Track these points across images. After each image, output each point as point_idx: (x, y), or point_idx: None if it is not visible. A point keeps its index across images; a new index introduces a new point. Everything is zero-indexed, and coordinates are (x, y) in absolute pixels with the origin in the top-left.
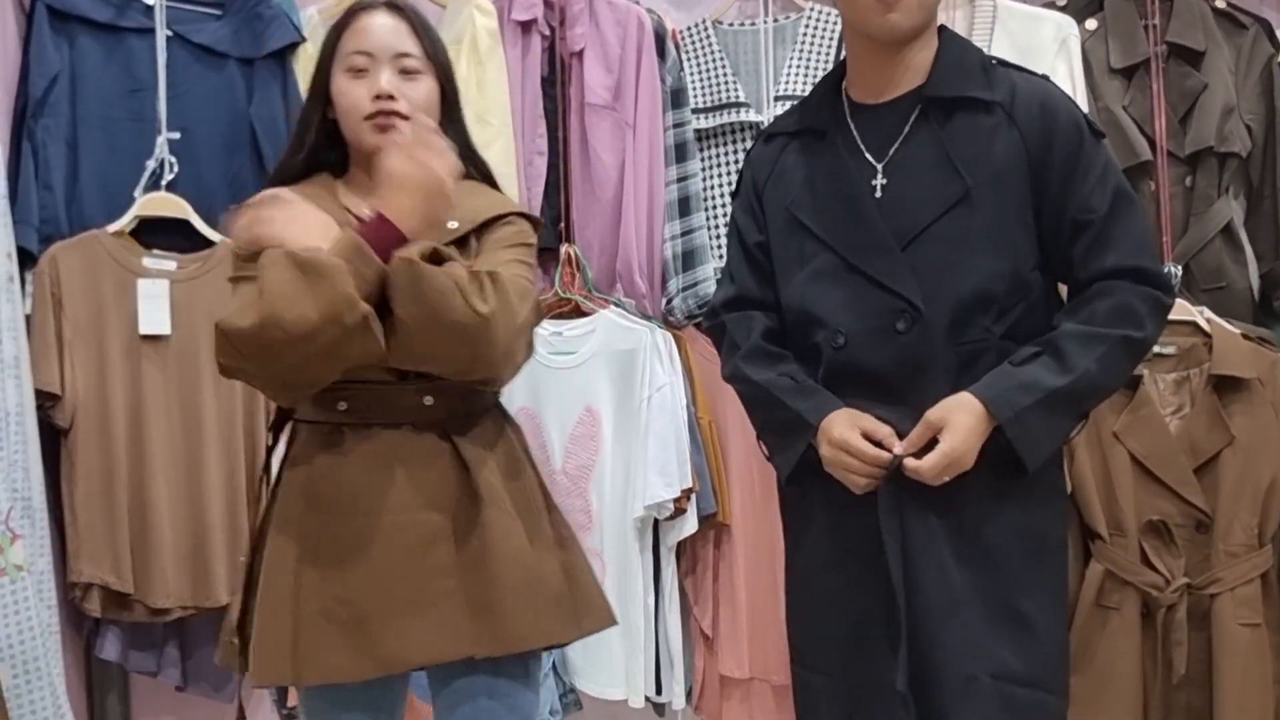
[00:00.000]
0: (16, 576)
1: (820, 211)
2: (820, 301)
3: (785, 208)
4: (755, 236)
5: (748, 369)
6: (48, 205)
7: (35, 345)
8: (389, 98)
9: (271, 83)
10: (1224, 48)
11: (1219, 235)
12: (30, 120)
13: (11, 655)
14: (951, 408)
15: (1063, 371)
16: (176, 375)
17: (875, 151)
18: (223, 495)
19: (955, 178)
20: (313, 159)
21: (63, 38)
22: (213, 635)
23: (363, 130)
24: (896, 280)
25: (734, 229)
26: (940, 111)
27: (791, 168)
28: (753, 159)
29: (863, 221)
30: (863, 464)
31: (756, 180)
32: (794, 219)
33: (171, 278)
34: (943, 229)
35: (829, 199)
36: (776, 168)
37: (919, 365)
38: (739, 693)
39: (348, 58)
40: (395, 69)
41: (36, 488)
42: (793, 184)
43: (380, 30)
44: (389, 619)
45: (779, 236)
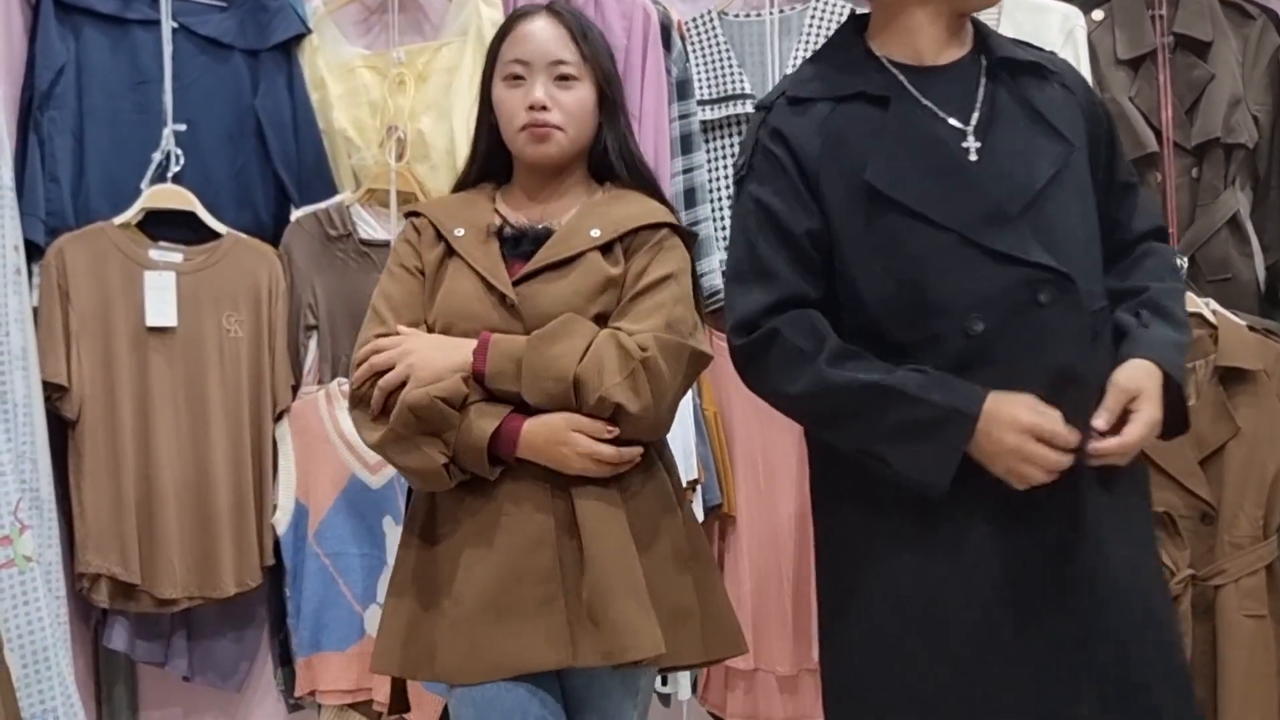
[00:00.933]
0: (25, 567)
1: (912, 183)
2: (938, 285)
3: (861, 182)
4: (805, 223)
5: (842, 374)
6: (54, 198)
7: (42, 337)
8: (542, 108)
9: (277, 74)
10: (1231, 38)
11: (1225, 226)
12: (36, 112)
13: (21, 645)
14: (1138, 373)
15: (1179, 328)
16: (183, 367)
17: (957, 115)
18: (229, 486)
19: (1058, 138)
20: (486, 166)
21: (68, 30)
22: (220, 626)
23: (517, 140)
24: (1029, 250)
25: (764, 218)
26: (1008, 75)
27: (853, 136)
28: (782, 131)
29: (970, 190)
30: (1055, 453)
31: (800, 155)
32: (875, 194)
33: (178, 269)
34: (1051, 192)
35: (920, 169)
36: (829, 138)
37: (1063, 339)
38: (744, 683)
39: (506, 65)
40: (551, 76)
41: (45, 479)
42: (861, 154)
43: (537, 37)
44: (494, 623)
45: (850, 217)
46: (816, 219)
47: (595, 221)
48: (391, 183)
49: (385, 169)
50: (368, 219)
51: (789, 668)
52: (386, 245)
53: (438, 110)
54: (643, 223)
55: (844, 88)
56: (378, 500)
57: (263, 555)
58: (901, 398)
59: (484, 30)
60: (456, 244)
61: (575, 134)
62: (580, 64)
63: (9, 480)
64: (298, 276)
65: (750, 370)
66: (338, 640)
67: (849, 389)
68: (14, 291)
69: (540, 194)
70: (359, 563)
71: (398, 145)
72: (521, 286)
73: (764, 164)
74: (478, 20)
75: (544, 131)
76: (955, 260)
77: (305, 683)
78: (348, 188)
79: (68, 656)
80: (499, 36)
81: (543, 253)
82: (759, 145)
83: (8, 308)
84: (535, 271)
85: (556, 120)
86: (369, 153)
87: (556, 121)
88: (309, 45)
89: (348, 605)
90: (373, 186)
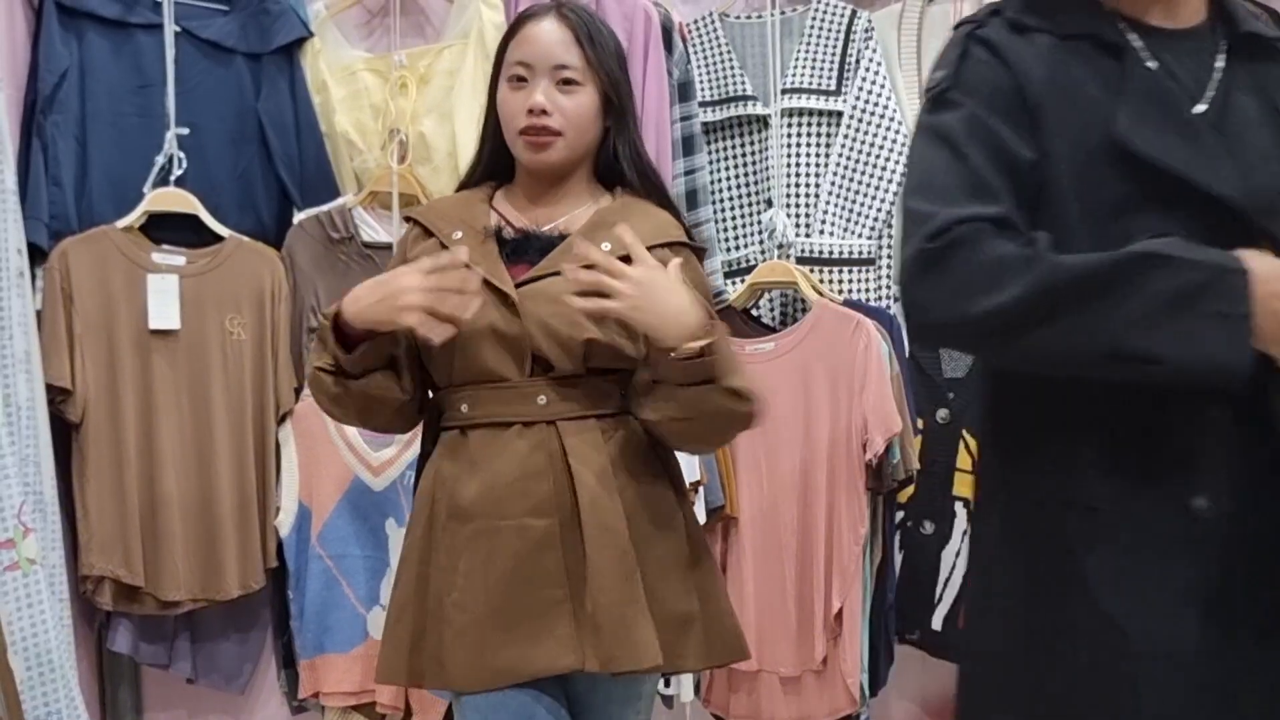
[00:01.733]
0: (29, 570)
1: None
2: None
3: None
4: (1026, 152)
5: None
6: (57, 201)
7: (46, 340)
8: (541, 112)
9: (279, 78)
10: None
11: None
12: (40, 116)
13: (25, 648)
14: None
15: None
16: (186, 369)
17: (1188, 86)
18: (232, 488)
19: None
20: (491, 166)
21: (71, 34)
22: (223, 628)
23: (517, 143)
24: None
25: (982, 135)
26: (1246, 52)
27: (1083, 80)
28: (999, 47)
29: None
30: None
31: (1022, 79)
32: (1122, 153)
33: (181, 272)
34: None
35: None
36: (1058, 74)
37: None
38: (747, 685)
39: (510, 67)
40: (553, 80)
41: (48, 482)
42: (1099, 103)
43: (541, 40)
44: (501, 629)
45: (1082, 169)
46: (1040, 154)
47: (605, 237)
48: (393, 185)
49: (387, 171)
50: (370, 221)
51: (792, 669)
52: (389, 248)
53: (439, 113)
54: (652, 243)
55: (1071, 26)
56: (380, 502)
57: (266, 557)
58: (1160, 262)
59: (485, 33)
60: (451, 245)
61: (575, 139)
62: (584, 68)
63: (13, 483)
64: (300, 279)
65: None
66: (341, 642)
67: (1089, 271)
68: (17, 294)
69: (541, 197)
70: (362, 564)
71: (400, 148)
72: (523, 289)
73: (977, 77)
74: (479, 23)
75: (543, 140)
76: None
77: (309, 685)
78: (350, 190)
79: (72, 659)
80: (506, 36)
81: (549, 260)
82: (969, 56)
83: (11, 311)
84: (538, 276)
85: (556, 125)
86: (371, 155)
87: (556, 126)
88: (311, 48)
89: (351, 607)
90: (375, 189)
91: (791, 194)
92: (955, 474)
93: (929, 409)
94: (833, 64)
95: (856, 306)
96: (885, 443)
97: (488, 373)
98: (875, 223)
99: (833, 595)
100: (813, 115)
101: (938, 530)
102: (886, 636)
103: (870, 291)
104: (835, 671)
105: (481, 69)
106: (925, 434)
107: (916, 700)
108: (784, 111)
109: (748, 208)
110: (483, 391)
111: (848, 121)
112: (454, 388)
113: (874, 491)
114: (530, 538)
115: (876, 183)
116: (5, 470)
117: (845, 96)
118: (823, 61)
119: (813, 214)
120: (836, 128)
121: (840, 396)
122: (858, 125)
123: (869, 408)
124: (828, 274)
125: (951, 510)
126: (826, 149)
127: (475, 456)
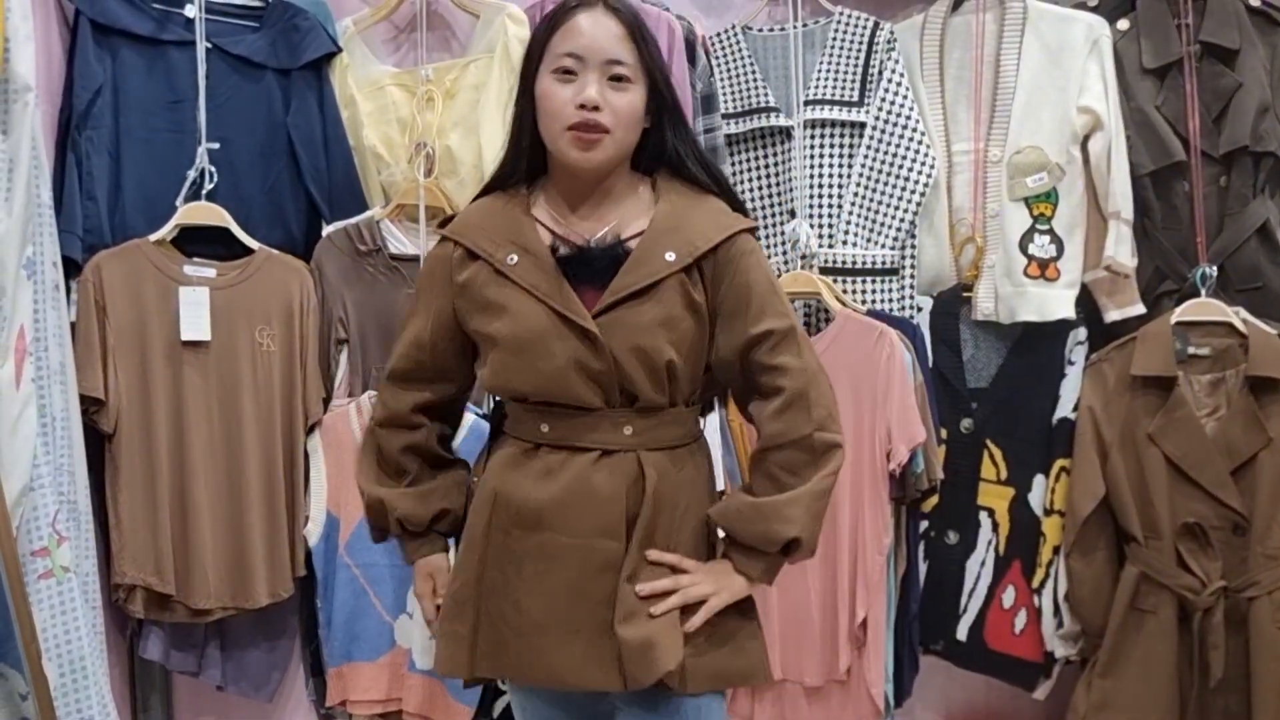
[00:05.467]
0: (63, 578)
1: None
2: None
3: None
4: None
5: None
6: (91, 215)
7: (80, 352)
8: (594, 108)
9: (308, 93)
10: (1259, 46)
11: (1254, 235)
12: (74, 132)
13: (59, 655)
14: None
15: None
16: (216, 380)
17: None
18: (262, 498)
19: None
20: (523, 165)
21: (105, 51)
22: (252, 636)
23: (561, 140)
24: None
25: None
26: None
27: None
28: None
29: None
30: None
31: None
32: None
33: (212, 285)
34: None
35: None
36: None
37: None
38: (771, 694)
39: (557, 58)
40: (604, 76)
41: (82, 491)
42: None
43: (593, 32)
44: (552, 637)
45: None
46: None
47: (668, 243)
48: (420, 198)
49: (414, 185)
50: (397, 234)
51: (817, 679)
52: (416, 260)
53: (465, 126)
54: (716, 241)
55: None
56: None
57: (295, 566)
58: None
59: (511, 47)
60: (510, 272)
61: (623, 139)
62: (636, 65)
63: (48, 492)
64: (328, 291)
65: None
66: (368, 650)
67: None
68: (53, 307)
69: (584, 200)
70: (389, 573)
71: (426, 161)
72: (601, 319)
73: None
74: (504, 37)
75: (593, 138)
76: None
77: (336, 693)
78: (377, 203)
79: (104, 666)
80: (548, 26)
81: (620, 281)
82: None
83: (47, 323)
84: (614, 304)
85: (607, 122)
86: (398, 169)
87: (607, 123)
88: (339, 64)
89: (378, 616)
90: (402, 202)
91: (814, 205)
92: (979, 484)
93: (953, 419)
94: (855, 75)
95: (880, 316)
96: (909, 453)
97: (573, 401)
98: (898, 233)
99: (857, 605)
100: (835, 126)
101: (962, 540)
102: (911, 647)
103: (894, 301)
104: (860, 682)
105: (507, 83)
106: (949, 444)
107: (941, 711)
108: (807, 123)
109: (771, 218)
110: (563, 415)
111: (870, 132)
112: (532, 405)
113: (898, 502)
114: (595, 560)
115: (899, 193)
116: (40, 480)
117: (868, 107)
118: (845, 73)
119: (836, 224)
120: (859, 139)
121: (864, 406)
122: (880, 136)
123: (893, 418)
124: (851, 284)
125: (976, 520)
126: (849, 160)
127: (551, 468)
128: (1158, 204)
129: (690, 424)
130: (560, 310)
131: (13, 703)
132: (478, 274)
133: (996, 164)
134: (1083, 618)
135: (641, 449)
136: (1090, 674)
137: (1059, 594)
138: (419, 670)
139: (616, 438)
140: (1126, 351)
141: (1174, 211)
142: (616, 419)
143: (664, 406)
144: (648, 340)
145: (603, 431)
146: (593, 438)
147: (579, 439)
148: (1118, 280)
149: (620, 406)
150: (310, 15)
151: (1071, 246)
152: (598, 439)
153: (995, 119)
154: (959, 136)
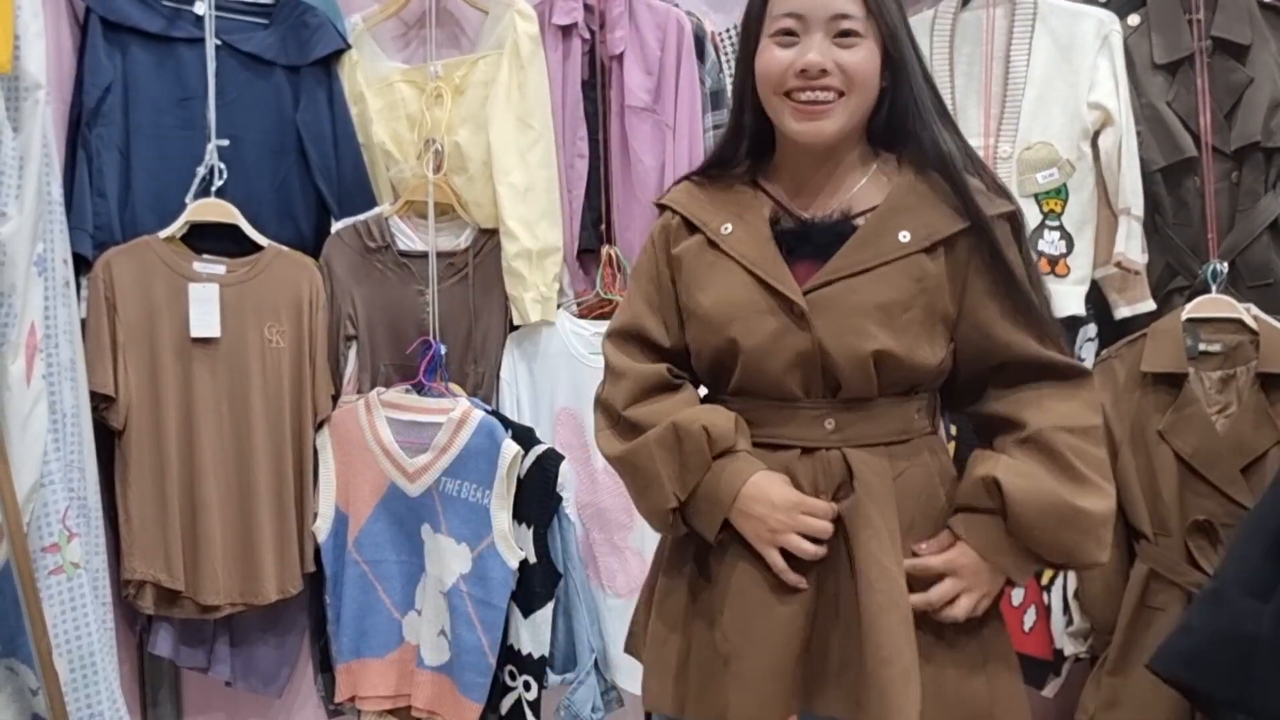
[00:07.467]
0: (73, 574)
1: None
2: None
3: None
4: None
5: None
6: (101, 212)
7: (90, 348)
8: (820, 72)
9: (317, 89)
10: (1270, 41)
11: (1266, 231)
12: (84, 129)
13: (69, 650)
14: None
15: None
16: (226, 376)
17: None
18: (271, 494)
19: None
20: (751, 141)
21: (115, 48)
22: (261, 632)
23: (782, 109)
24: None
25: None
26: None
27: None
28: None
29: None
30: None
31: None
32: None
33: (221, 281)
34: None
35: None
36: None
37: None
38: None
39: (776, 21)
40: (830, 33)
41: (92, 487)
42: None
43: None
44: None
45: None
46: None
47: (903, 223)
48: (429, 195)
49: (423, 181)
50: (406, 231)
51: None
52: (424, 256)
53: (474, 123)
54: (961, 227)
55: None
56: (416, 508)
57: (304, 562)
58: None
59: (520, 43)
60: (723, 242)
61: (856, 103)
62: (865, 17)
63: (58, 489)
64: (337, 287)
65: None
66: (377, 647)
67: None
68: (63, 304)
69: (813, 175)
70: (397, 570)
71: (435, 157)
72: (812, 296)
73: None
74: (513, 34)
75: (818, 109)
76: None
77: (345, 689)
78: (386, 200)
79: (114, 661)
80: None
81: (841, 259)
82: None
83: (57, 320)
84: (830, 281)
85: (838, 84)
86: (407, 165)
87: (838, 85)
88: (348, 60)
89: (386, 612)
90: (411, 198)
91: None
92: None
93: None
94: None
95: None
96: None
97: (771, 389)
98: None
99: None
100: None
101: None
102: None
103: None
104: None
105: (516, 79)
106: (959, 440)
107: None
108: None
109: None
110: (762, 407)
111: None
112: (728, 396)
113: None
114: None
115: None
116: (51, 476)
117: None
118: None
119: None
120: None
121: None
122: None
123: None
124: None
125: None
126: None
127: None
128: (1168, 200)
129: (911, 418)
130: (767, 280)
131: (24, 698)
132: (692, 244)
133: (1006, 160)
134: (1093, 615)
135: (845, 445)
136: (1100, 671)
137: (1068, 591)
138: (427, 666)
139: (816, 433)
140: (1136, 348)
141: (1185, 207)
142: (816, 412)
143: (872, 397)
144: (858, 324)
145: (799, 425)
146: (788, 433)
147: (777, 435)
148: (1128, 276)
149: (821, 397)
150: (319, 12)
151: (1081, 243)
152: (794, 434)
153: (1005, 115)
154: (969, 132)
